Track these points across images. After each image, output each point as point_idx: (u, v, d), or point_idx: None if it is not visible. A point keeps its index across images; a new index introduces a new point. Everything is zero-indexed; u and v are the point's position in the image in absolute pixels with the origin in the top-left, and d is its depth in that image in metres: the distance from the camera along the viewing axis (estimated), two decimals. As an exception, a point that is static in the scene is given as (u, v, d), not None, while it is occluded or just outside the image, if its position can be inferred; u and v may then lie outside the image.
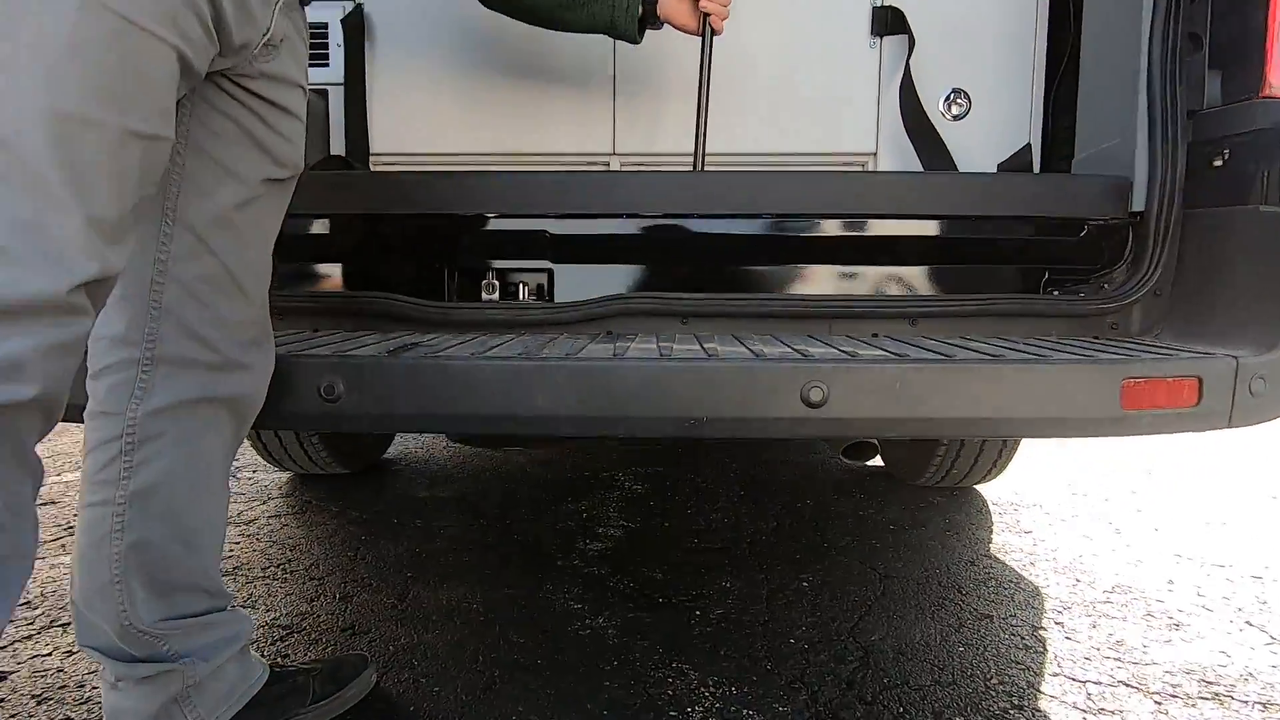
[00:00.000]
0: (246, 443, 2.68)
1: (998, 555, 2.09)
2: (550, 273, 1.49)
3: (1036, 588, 1.87)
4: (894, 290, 1.48)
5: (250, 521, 2.33)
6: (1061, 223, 1.46)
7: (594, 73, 1.91)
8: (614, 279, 1.48)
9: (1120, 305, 1.43)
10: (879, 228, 1.45)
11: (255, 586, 1.83)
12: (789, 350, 1.23)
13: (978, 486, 2.79)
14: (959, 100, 1.93)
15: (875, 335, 1.47)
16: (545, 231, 1.46)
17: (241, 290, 1.07)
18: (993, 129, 1.94)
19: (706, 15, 1.58)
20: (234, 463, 2.83)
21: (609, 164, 2.00)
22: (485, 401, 1.17)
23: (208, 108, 1.01)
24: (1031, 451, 3.17)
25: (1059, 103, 1.93)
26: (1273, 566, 2.01)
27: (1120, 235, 1.47)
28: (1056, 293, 1.48)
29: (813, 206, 1.43)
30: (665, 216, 1.44)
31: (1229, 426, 1.21)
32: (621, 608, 1.72)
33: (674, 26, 1.59)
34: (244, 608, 1.60)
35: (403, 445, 3.36)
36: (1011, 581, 1.90)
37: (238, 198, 1.05)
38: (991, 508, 2.56)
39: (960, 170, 1.88)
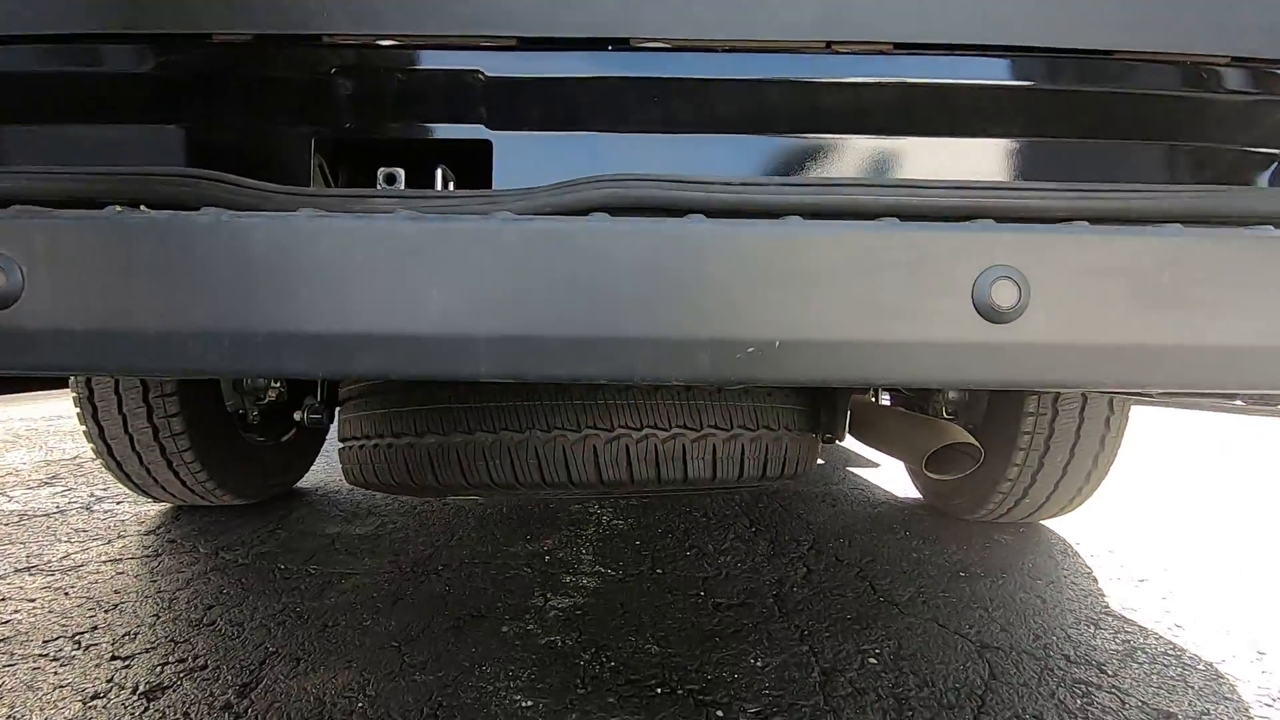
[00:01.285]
0: (107, 473, 2.01)
1: (1123, 614, 1.50)
2: (486, 146, 0.90)
3: (1210, 665, 1.27)
4: (1030, 177, 0.91)
5: (76, 567, 1.65)
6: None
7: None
8: (590, 155, 0.90)
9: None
10: (1016, 70, 0.90)
11: (17, 671, 1.15)
12: (927, 227, 0.65)
13: (1045, 522, 2.21)
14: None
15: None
16: (478, 72, 0.88)
17: None
18: None
19: None
20: (86, 496, 2.16)
21: None
22: (323, 312, 0.58)
23: None
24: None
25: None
26: None
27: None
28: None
29: (910, 30, 0.86)
30: (668, 48, 0.87)
31: None
32: (599, 705, 1.08)
33: None
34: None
35: (326, 473, 2.69)
36: (1168, 655, 1.31)
37: None
38: (1074, 546, 1.97)
39: None
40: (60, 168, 0.87)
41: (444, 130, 0.91)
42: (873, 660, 1.25)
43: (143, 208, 0.63)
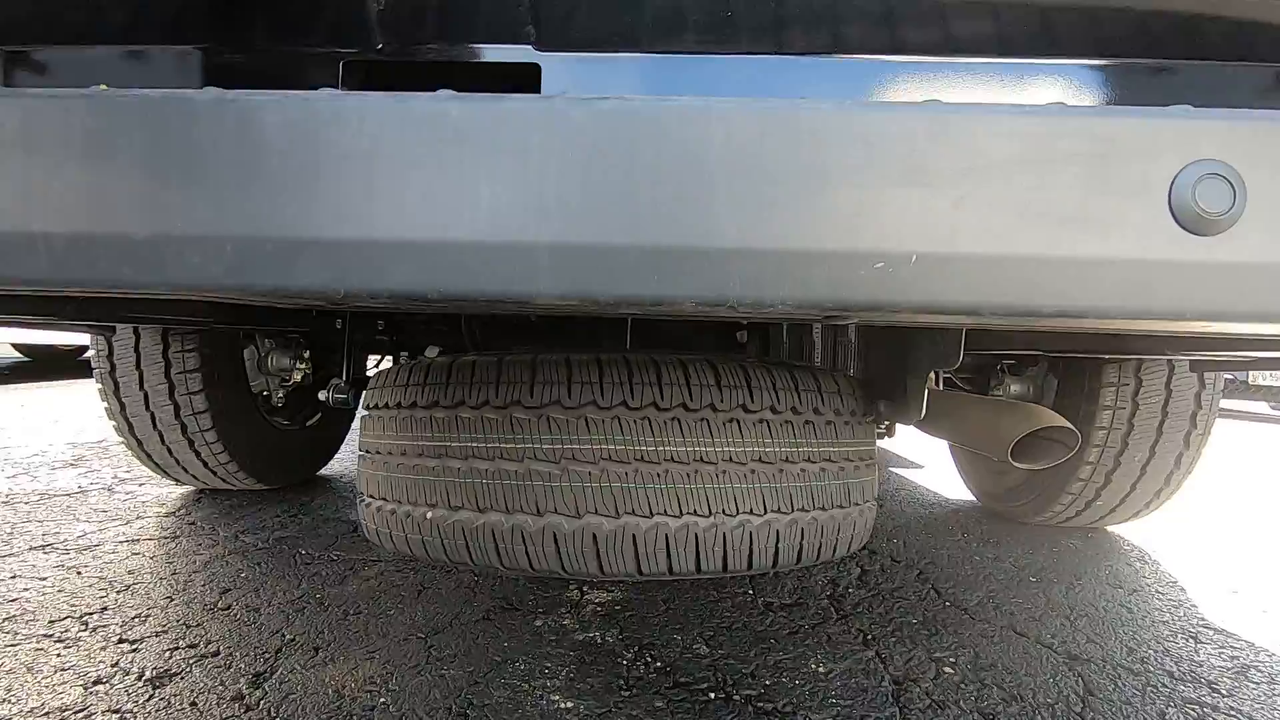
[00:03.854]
0: (130, 454, 1.95)
1: (1224, 627, 1.34)
2: (534, 70, 0.79)
3: (1340, 686, 1.11)
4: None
5: (91, 547, 1.58)
6: None
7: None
8: (655, 81, 0.79)
9: None
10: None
11: (18, 652, 1.07)
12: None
13: (1113, 528, 2.05)
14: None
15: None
16: (527, -17, 0.77)
17: None
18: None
19: None
20: (109, 478, 2.10)
21: None
22: (346, 213, 0.48)
23: None
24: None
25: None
26: None
27: None
28: None
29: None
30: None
31: None
32: (646, 709, 0.97)
33: None
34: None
35: (353, 460, 2.62)
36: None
37: None
38: (1150, 554, 1.81)
39: None
40: (48, 90, 0.79)
41: (486, 52, 0.80)
42: (948, 670, 1.11)
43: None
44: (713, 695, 1.01)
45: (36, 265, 0.48)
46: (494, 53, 0.80)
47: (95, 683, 0.99)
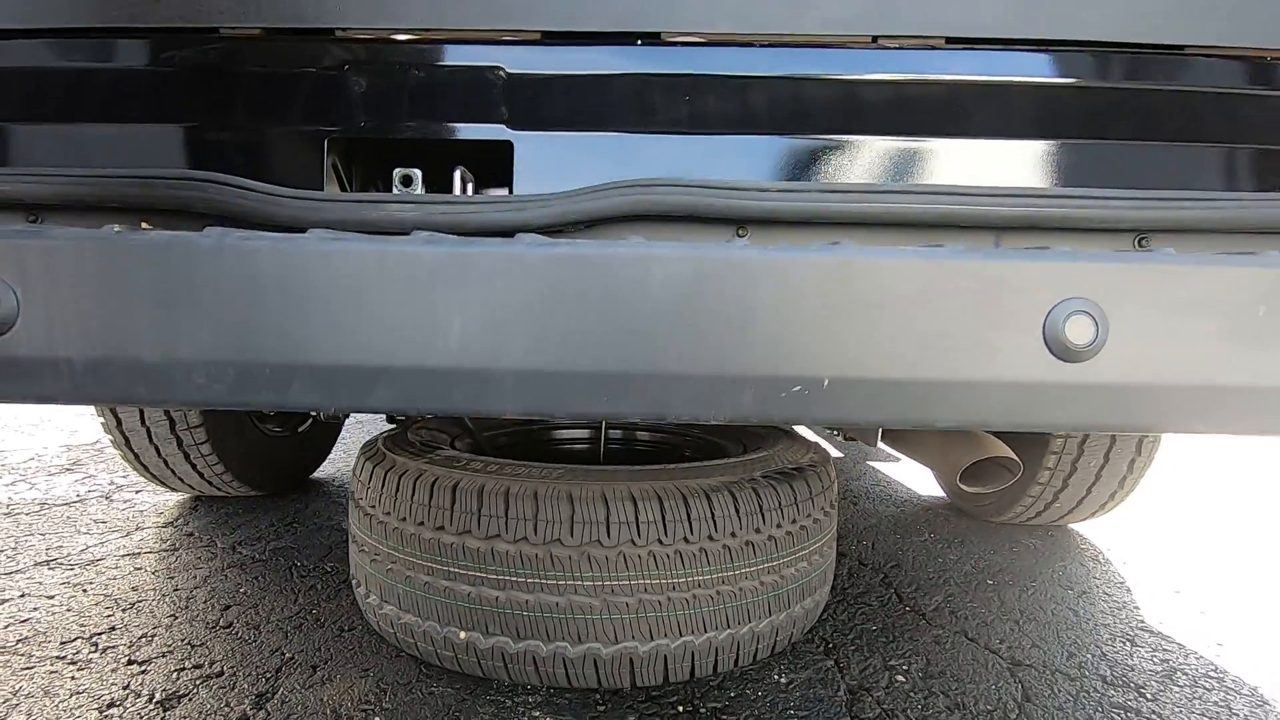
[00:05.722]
0: (122, 459, 2.01)
1: (1161, 629, 1.44)
2: (507, 146, 0.85)
3: (1254, 690, 1.22)
4: (1106, 183, 0.85)
5: (95, 562, 1.65)
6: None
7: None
8: (617, 157, 0.85)
9: None
10: (1079, 66, 0.83)
11: (34, 675, 1.15)
12: (990, 248, 0.60)
13: (1074, 526, 2.15)
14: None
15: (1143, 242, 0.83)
16: (499, 69, 0.83)
17: None
18: None
19: None
20: (106, 484, 2.16)
21: None
22: (335, 342, 0.54)
23: None
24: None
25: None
26: None
27: None
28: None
29: (960, 23, 0.81)
30: (701, 42, 0.81)
31: None
32: (617, 721, 1.06)
33: None
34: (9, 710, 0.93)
35: (344, 462, 2.68)
36: (1210, 676, 1.25)
37: None
38: (1104, 553, 1.92)
39: None
40: (62, 170, 0.84)
41: (463, 130, 0.86)
42: (900, 678, 1.21)
43: (144, 225, 0.59)
44: (681, 709, 1.10)
45: (60, 386, 0.54)
46: (470, 131, 0.86)
47: (109, 705, 1.06)
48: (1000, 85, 0.82)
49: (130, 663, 1.19)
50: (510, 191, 0.87)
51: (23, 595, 1.44)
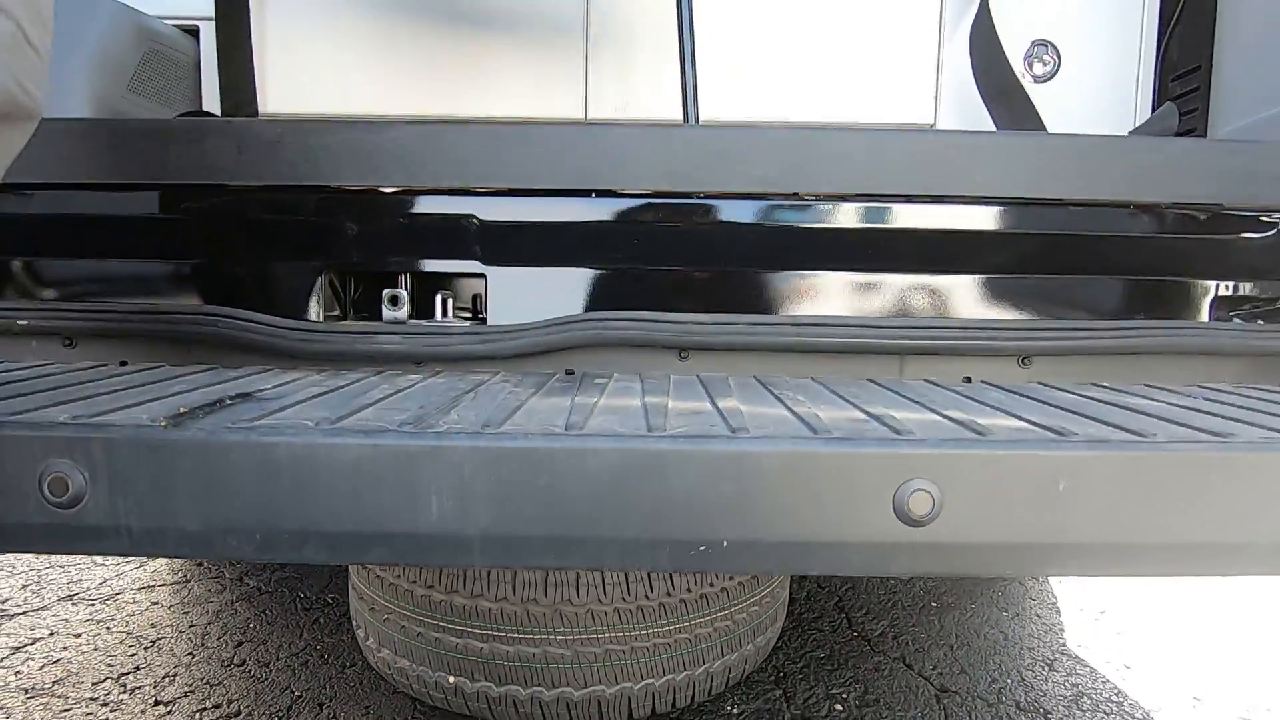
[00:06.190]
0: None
1: (1078, 653, 1.61)
2: (481, 277, 0.98)
3: (1146, 715, 1.39)
4: (993, 312, 1.00)
5: (114, 596, 1.79)
6: (1241, 217, 0.98)
7: (562, 12, 1.41)
8: (577, 290, 0.98)
9: (1328, 341, 0.97)
10: (974, 217, 0.97)
11: (73, 716, 1.29)
12: (859, 417, 0.74)
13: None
14: (1044, 57, 1.46)
15: (968, 380, 0.98)
16: (472, 218, 0.95)
17: None
18: (1088, 95, 1.47)
19: None
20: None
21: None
22: (339, 510, 0.67)
23: None
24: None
25: (1169, 69, 1.47)
26: None
27: (1326, 236, 0.99)
28: (1234, 319, 1.00)
29: (872, 184, 0.94)
30: (647, 196, 0.95)
31: None
32: (587, 754, 1.21)
33: None
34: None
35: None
36: (1111, 700, 1.42)
37: None
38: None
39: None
40: (95, 306, 0.97)
41: (443, 265, 0.99)
42: (839, 706, 1.37)
43: (181, 408, 0.72)
44: (643, 741, 1.26)
45: (121, 544, 0.68)
46: (449, 265, 0.99)
47: (142, 746, 1.22)
48: (899, 231, 0.95)
49: (157, 703, 1.34)
50: (485, 313, 1.00)
51: (51, 634, 1.59)
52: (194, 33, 1.48)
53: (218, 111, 1.46)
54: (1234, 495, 0.67)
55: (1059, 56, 1.46)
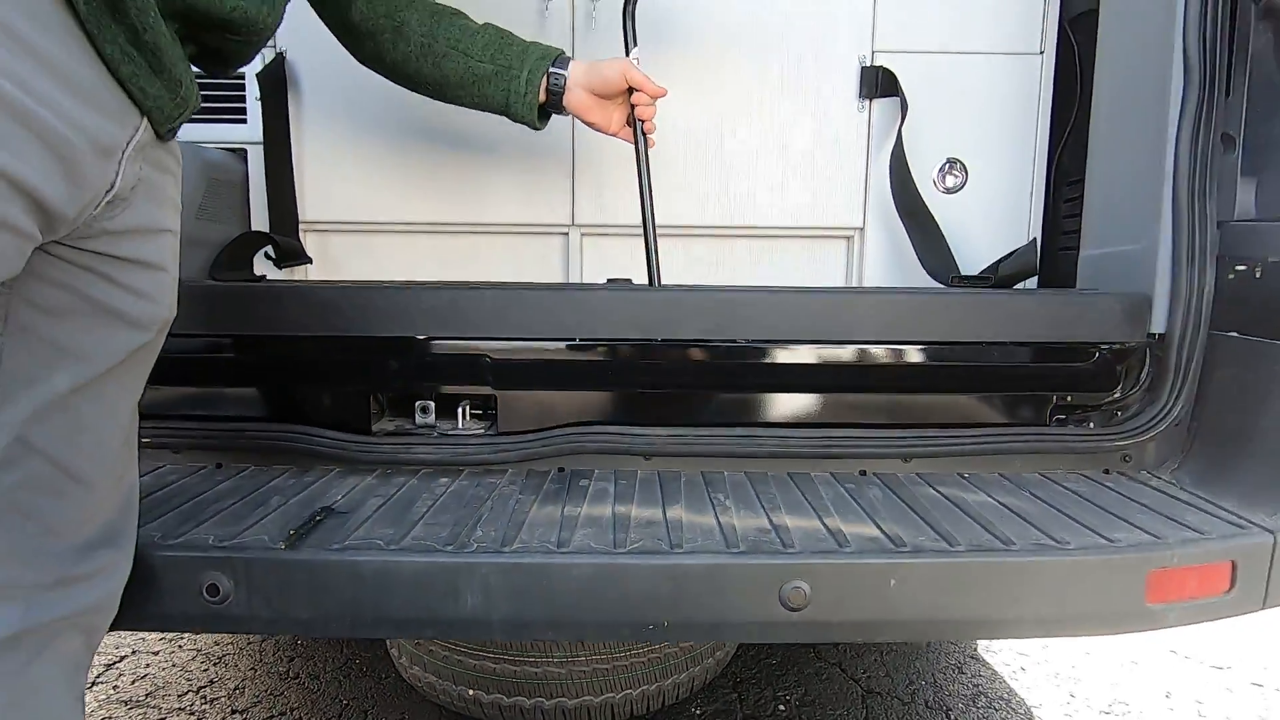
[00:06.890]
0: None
1: (986, 656, 1.95)
2: (493, 397, 1.28)
3: (1029, 709, 1.73)
4: (885, 419, 1.30)
5: (176, 614, 2.11)
6: (1071, 347, 1.29)
7: (552, 132, 1.70)
8: (566, 406, 1.28)
9: (1136, 439, 1.28)
10: (867, 354, 1.27)
11: (167, 723, 1.62)
12: (765, 526, 1.05)
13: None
14: (954, 171, 1.76)
15: (863, 473, 1.29)
16: (485, 356, 1.25)
17: (80, 481, 0.85)
18: (991, 203, 1.77)
19: (640, 123, 1.43)
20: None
21: (568, 234, 1.80)
22: (403, 604, 0.98)
23: (34, 280, 0.79)
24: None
25: (1061, 177, 1.77)
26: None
27: (1137, 359, 1.30)
28: (1067, 424, 1.31)
29: (790, 331, 1.24)
30: (619, 340, 1.25)
31: (1262, 609, 1.08)
32: (579, 749, 1.54)
33: (586, 124, 1.45)
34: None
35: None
36: (1002, 698, 1.76)
37: (77, 379, 0.83)
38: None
39: (954, 248, 1.72)
40: (194, 426, 1.27)
41: (463, 389, 1.29)
42: (782, 707, 1.70)
43: (291, 530, 1.02)
44: (623, 738, 1.59)
45: (254, 627, 0.99)
46: (468, 389, 1.29)
47: (228, 748, 1.54)
48: (809, 365, 1.26)
49: (234, 712, 1.66)
50: (497, 424, 1.30)
51: (134, 652, 1.91)
52: (243, 155, 1.75)
53: (264, 224, 1.74)
54: (1009, 586, 0.99)
55: (966, 172, 1.75)
